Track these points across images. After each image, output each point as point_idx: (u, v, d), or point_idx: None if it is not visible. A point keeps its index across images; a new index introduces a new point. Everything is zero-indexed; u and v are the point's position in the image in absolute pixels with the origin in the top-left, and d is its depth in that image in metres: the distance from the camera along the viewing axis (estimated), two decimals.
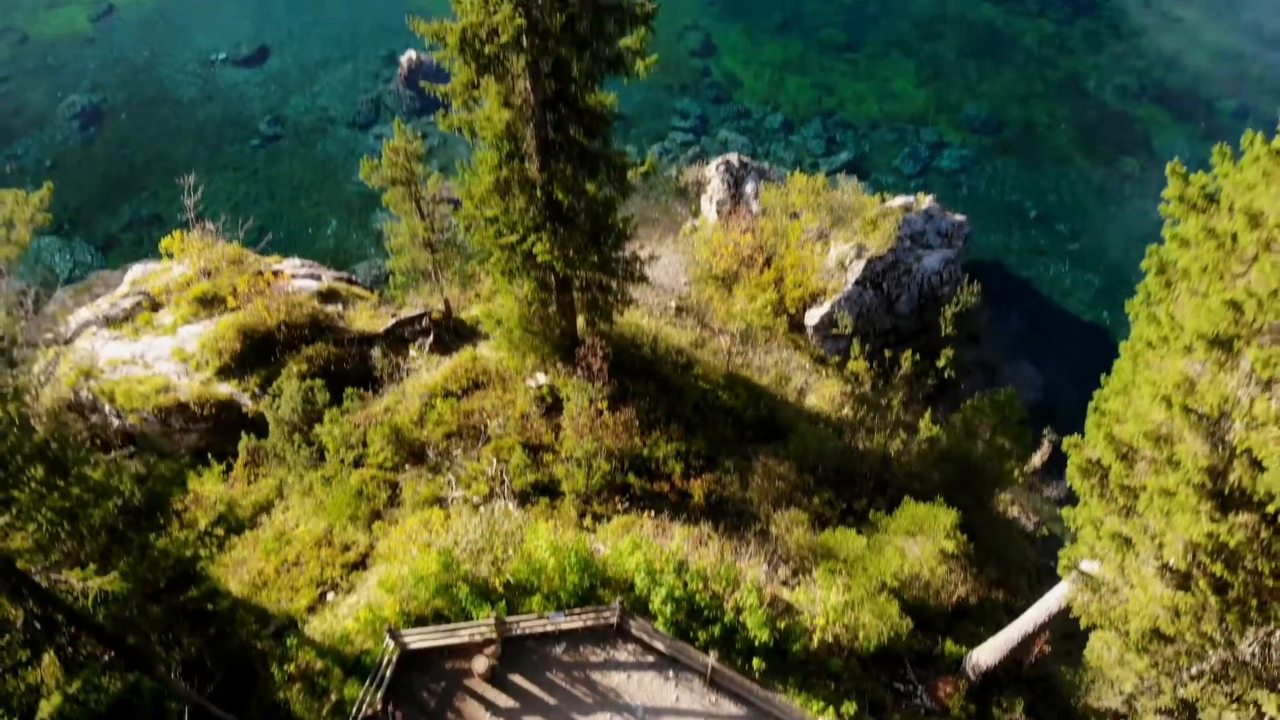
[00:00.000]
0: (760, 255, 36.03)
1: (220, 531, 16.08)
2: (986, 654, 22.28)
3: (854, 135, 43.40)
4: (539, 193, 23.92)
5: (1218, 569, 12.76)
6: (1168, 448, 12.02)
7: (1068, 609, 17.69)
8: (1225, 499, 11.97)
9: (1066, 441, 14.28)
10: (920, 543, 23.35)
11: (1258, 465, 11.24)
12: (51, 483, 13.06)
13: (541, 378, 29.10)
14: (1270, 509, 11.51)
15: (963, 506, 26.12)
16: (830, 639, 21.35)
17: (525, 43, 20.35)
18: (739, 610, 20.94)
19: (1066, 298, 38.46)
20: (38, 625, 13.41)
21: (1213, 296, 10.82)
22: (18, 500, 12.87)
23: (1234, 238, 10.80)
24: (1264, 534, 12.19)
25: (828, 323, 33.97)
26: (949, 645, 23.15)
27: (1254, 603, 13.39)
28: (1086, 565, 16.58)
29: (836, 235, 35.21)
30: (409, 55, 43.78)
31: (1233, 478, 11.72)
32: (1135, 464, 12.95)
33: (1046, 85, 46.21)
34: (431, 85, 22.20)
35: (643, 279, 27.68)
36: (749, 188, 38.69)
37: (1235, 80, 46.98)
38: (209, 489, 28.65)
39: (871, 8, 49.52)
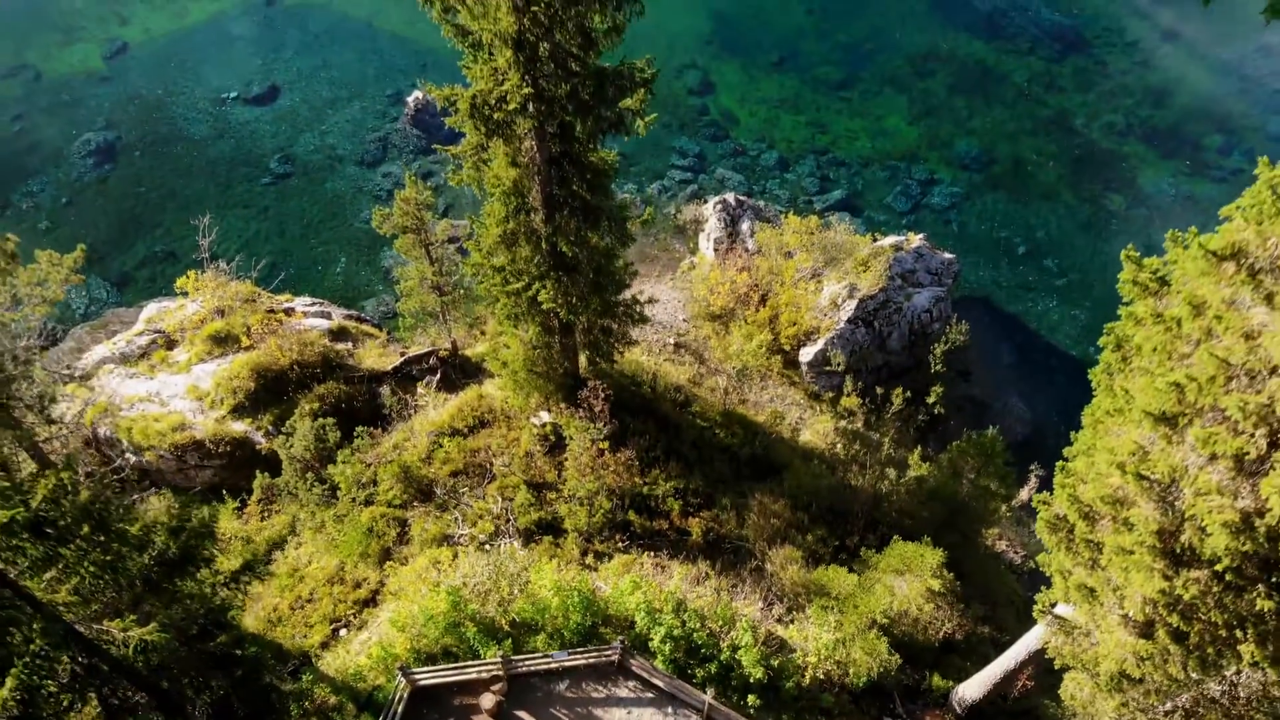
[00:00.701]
0: (756, 293, 37.19)
1: (247, 579, 17.06)
2: (972, 688, 23.24)
3: (847, 173, 44.63)
4: (544, 244, 25.04)
5: (1174, 620, 13.80)
6: (1124, 510, 13.10)
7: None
8: (1177, 557, 13.03)
9: (1036, 498, 15.34)
10: (908, 581, 24.41)
11: (1205, 529, 12.31)
12: (95, 539, 14.10)
13: (545, 416, 30.15)
14: (1219, 568, 12.58)
15: (950, 543, 27.31)
16: (822, 675, 22.30)
17: (532, 109, 21.50)
18: (735, 648, 21.92)
19: (1054, 332, 39.56)
20: (82, 673, 14.41)
21: (1160, 377, 11.92)
22: (64, 556, 13.91)
23: (1179, 323, 11.91)
24: (1216, 589, 13.23)
25: (821, 360, 35.07)
26: (936, 679, 24.11)
27: (1211, 651, 14.42)
28: (1061, 609, 17.61)
29: (829, 274, 36.37)
30: (415, 95, 45.08)
31: (1184, 539, 12.78)
32: (1097, 523, 14.02)
33: (1035, 122, 47.49)
34: (443, 147, 23.43)
35: (643, 321, 28.85)
36: (745, 226, 39.88)
37: (1219, 118, 48.25)
38: (224, 525, 29.67)
39: (866, 45, 50.87)
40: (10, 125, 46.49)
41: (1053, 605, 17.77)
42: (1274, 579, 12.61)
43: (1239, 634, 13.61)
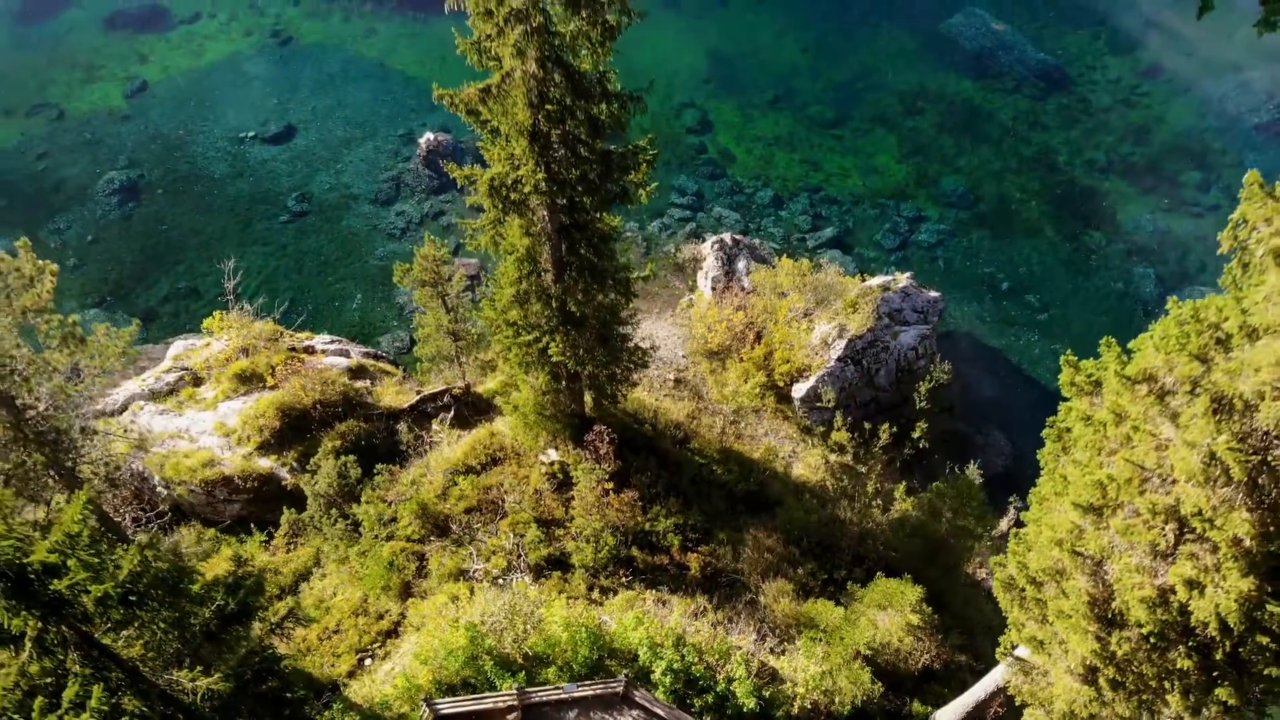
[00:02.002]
0: (751, 331, 39.25)
1: (290, 624, 19.09)
2: (949, 714, 25.30)
3: (839, 210, 46.68)
4: (554, 301, 27.13)
5: (1111, 671, 15.87)
6: (1063, 580, 15.17)
7: None
8: (1110, 621, 15.10)
9: (992, 560, 17.42)
10: (890, 615, 26.49)
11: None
12: (166, 600, 16.12)
13: (553, 454, 32.22)
14: (1144, 631, 14.66)
15: (931, 577, 29.44)
16: (809, 705, 24.37)
17: (545, 189, 23.58)
18: (730, 680, 23.99)
19: (1035, 366, 41.61)
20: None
21: (1088, 473, 13.99)
22: (140, 617, 15.92)
23: (1105, 426, 13.98)
24: (1144, 648, 15.30)
25: (813, 396, 37.11)
26: (916, 706, 26.16)
27: (1147, 697, 16.49)
28: (1020, 651, 19.68)
29: (820, 314, 38.42)
30: (427, 137, 47.08)
31: (1114, 605, 14.86)
32: (1042, 587, 16.09)
33: (1020, 160, 49.56)
34: (463, 220, 25.53)
35: (644, 365, 31.01)
36: (741, 265, 41.93)
37: (1198, 154, 50.30)
38: (253, 556, 31.73)
39: (858, 84, 52.94)
40: (36, 163, 48.50)
41: (1014, 647, 19.84)
42: (1192, 643, 14.67)
43: (1167, 685, 15.68)
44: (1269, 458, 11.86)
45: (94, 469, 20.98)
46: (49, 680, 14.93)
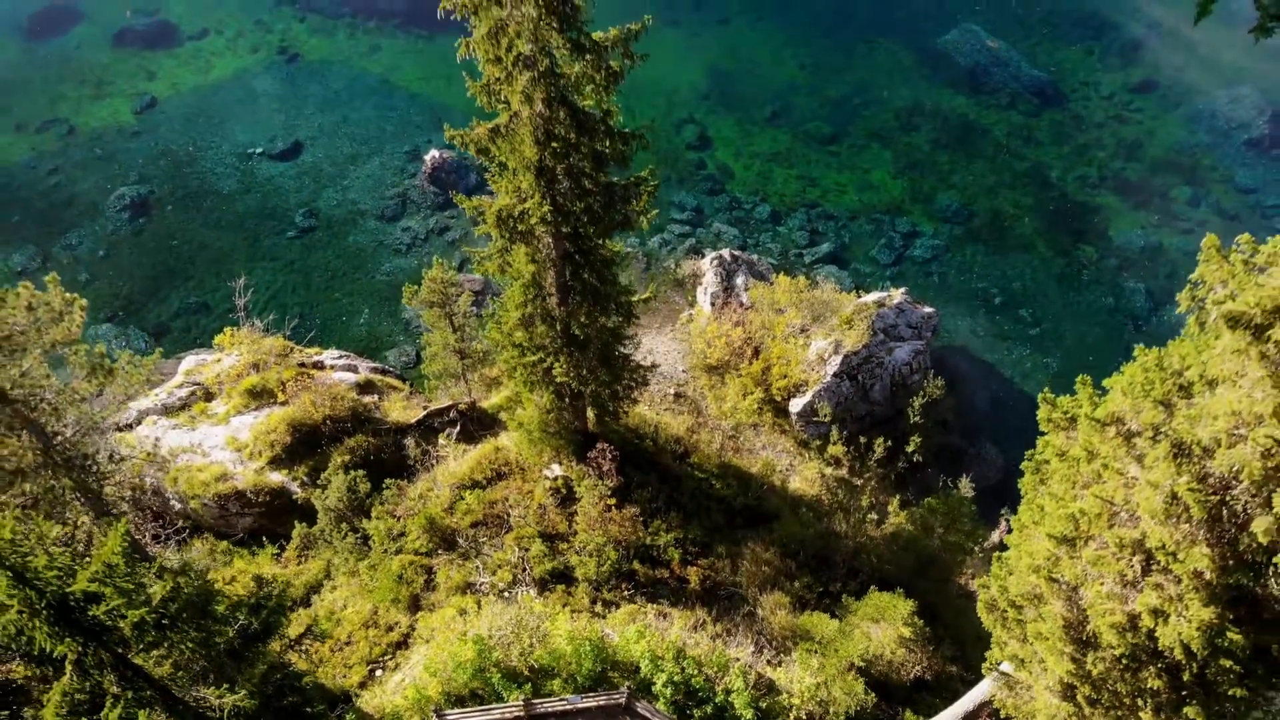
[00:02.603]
0: (749, 347, 40.20)
1: (308, 642, 20.03)
2: None
3: (835, 226, 47.61)
4: (558, 324, 28.09)
5: (1087, 689, 16.82)
6: (1040, 604, 16.12)
7: None
8: (1084, 643, 16.06)
9: (977, 582, 18.38)
10: (883, 628, 27.45)
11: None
12: (194, 622, 17.07)
13: (557, 469, 33.16)
14: (1116, 653, 15.60)
15: (923, 589, 30.42)
16: (805, 715, 25.31)
17: (550, 219, 24.52)
18: (728, 692, 24.93)
19: (1026, 380, 42.56)
20: None
21: (1063, 506, 14.93)
22: (170, 638, 16.86)
23: (1079, 462, 14.92)
24: (1118, 668, 16.25)
25: (809, 411, 38.06)
26: (909, 715, 27.07)
27: (1122, 712, 17.44)
28: (1005, 666, 20.64)
29: (816, 331, 39.37)
30: (432, 154, 48.01)
31: (1088, 629, 15.81)
32: (1022, 609, 17.04)
33: (1014, 176, 50.49)
34: (471, 249, 26.47)
35: (645, 384, 31.99)
36: (739, 281, 42.88)
37: (1188, 169, 51.24)
38: (265, 569, 32.67)
39: (854, 100, 53.88)
40: (48, 179, 49.41)
41: (998, 663, 20.80)
42: (1161, 664, 15.61)
43: (1140, 702, 16.63)
44: (1227, 498, 12.80)
45: (119, 492, 21.91)
46: (84, 699, 15.89)
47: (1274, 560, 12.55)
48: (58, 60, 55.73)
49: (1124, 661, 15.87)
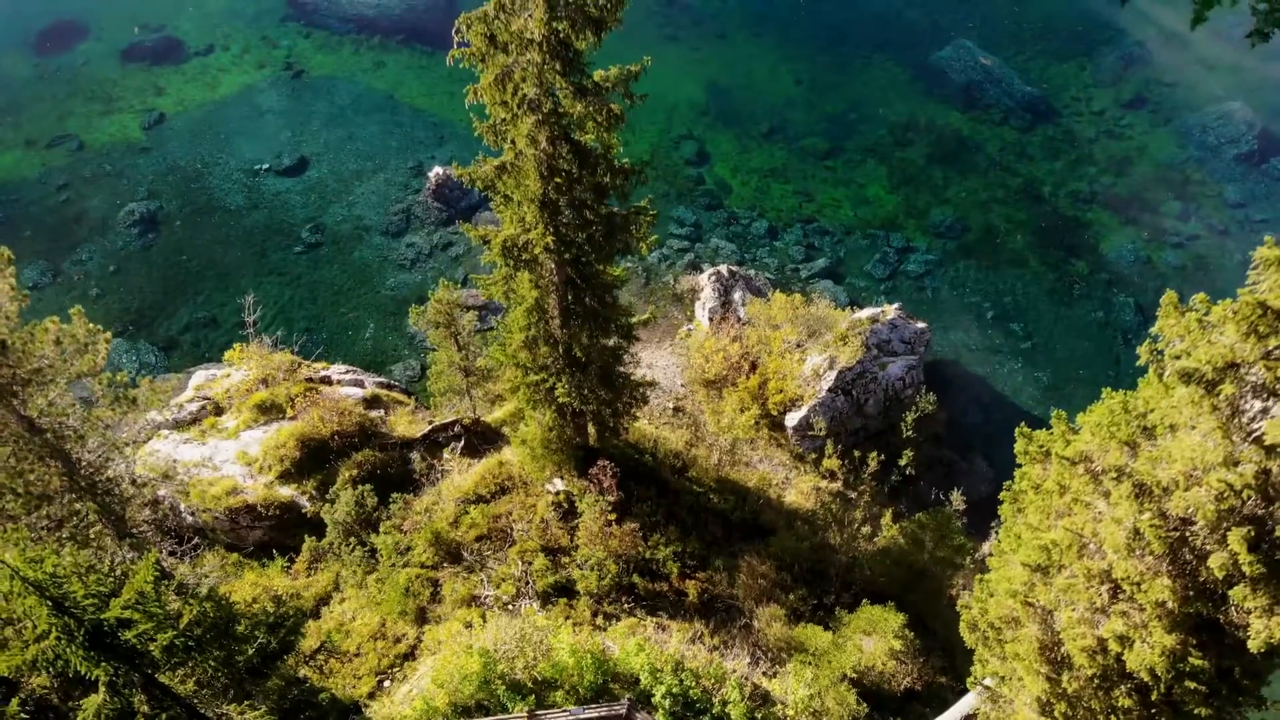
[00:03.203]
0: (746, 362, 41.15)
1: (323, 657, 20.98)
2: None
3: (830, 241, 48.56)
4: (560, 346, 29.06)
5: (1063, 707, 17.77)
6: (1017, 627, 17.08)
7: None
8: (1058, 663, 17.01)
9: (960, 603, 19.33)
10: (874, 640, 28.42)
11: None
12: (218, 643, 18.02)
13: (559, 484, 34.11)
14: (1088, 674, 16.55)
15: (914, 601, 31.40)
16: None
17: (553, 248, 25.47)
18: (725, 703, 25.88)
19: (1018, 393, 43.50)
20: None
21: (1037, 535, 15.88)
22: (195, 658, 17.81)
23: (1051, 495, 15.88)
24: (1091, 687, 17.21)
25: (805, 425, 39.01)
26: None
27: None
28: (989, 681, 21.59)
29: (811, 347, 40.32)
30: (436, 171, 48.94)
31: (1062, 650, 16.76)
32: (1001, 630, 18.00)
33: (1006, 191, 51.42)
34: (478, 277, 27.43)
35: (644, 402, 32.96)
36: (737, 296, 43.84)
37: (1179, 185, 52.17)
38: (275, 581, 33.62)
39: (850, 115, 54.80)
40: (57, 195, 50.32)
41: (983, 678, 21.75)
42: (1130, 685, 16.57)
43: (1113, 719, 17.59)
44: (1187, 534, 13.77)
45: (140, 515, 22.86)
46: (114, 716, 16.83)
47: (1230, 593, 13.49)
48: (66, 76, 56.58)
49: (1096, 681, 16.81)
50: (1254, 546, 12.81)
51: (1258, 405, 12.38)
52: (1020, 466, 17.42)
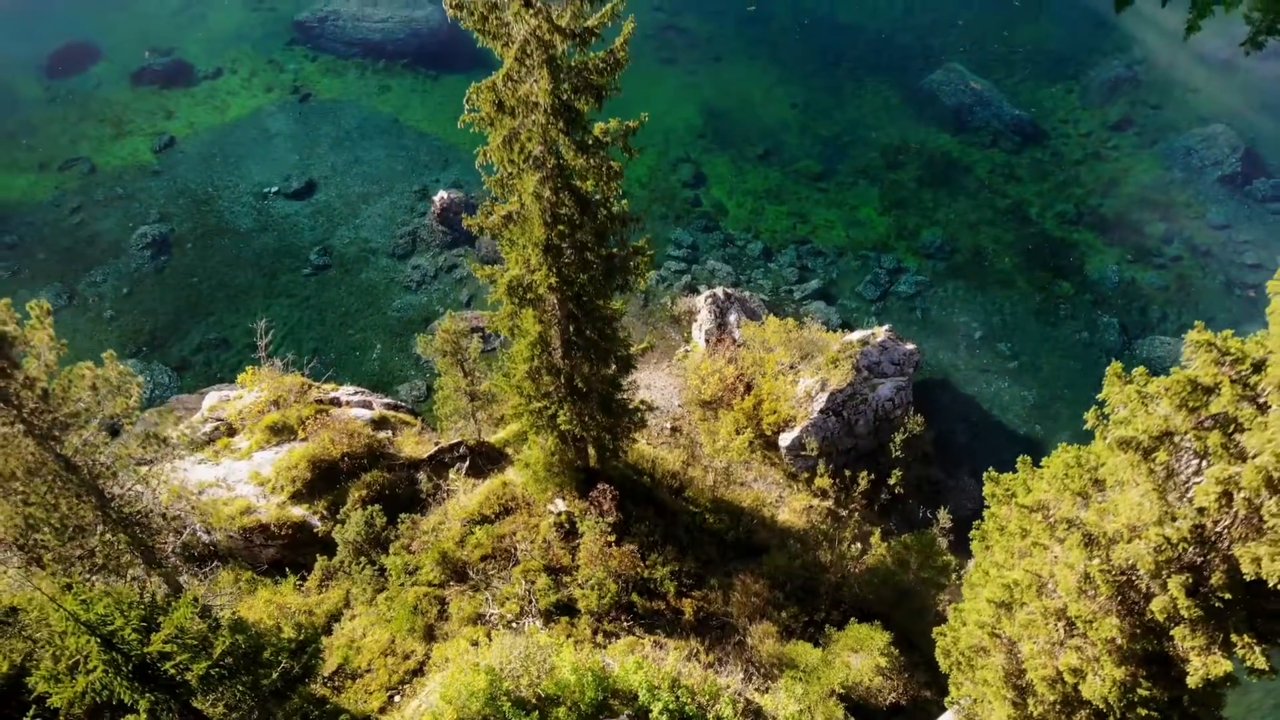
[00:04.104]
0: (741, 383, 42.58)
1: (340, 679, 22.37)
2: None
3: (823, 263, 49.99)
4: (562, 376, 30.50)
5: None
6: (985, 656, 18.52)
7: None
8: (1023, 689, 18.45)
9: (935, 630, 20.77)
10: (861, 657, 29.85)
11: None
12: (247, 669, 19.43)
13: (560, 504, 35.52)
14: (1050, 699, 17.99)
15: (900, 619, 32.84)
16: None
17: (556, 287, 26.89)
18: (719, 718, 27.32)
19: (1005, 412, 44.92)
20: None
21: (1003, 573, 17.31)
22: (226, 683, 19.22)
23: (1014, 536, 17.30)
24: (1054, 710, 18.64)
25: (798, 445, 40.44)
26: None
27: None
28: (964, 701, 23.04)
29: (804, 369, 41.75)
30: (441, 195, 50.33)
31: (1027, 679, 18.20)
32: (973, 657, 19.44)
33: (995, 212, 52.84)
34: (484, 310, 28.82)
35: (643, 425, 34.40)
36: (732, 318, 45.28)
37: (1163, 206, 53.58)
38: (288, 598, 35.03)
39: (843, 138, 56.24)
40: (71, 217, 51.71)
41: (958, 699, 23.19)
42: (1089, 711, 17.99)
43: None
44: (1133, 577, 15.20)
45: (172, 547, 24.28)
46: None
47: (1172, 633, 14.91)
48: (78, 99, 57.96)
49: (1058, 707, 18.25)
50: (1192, 591, 14.24)
51: (1194, 465, 13.80)
52: (988, 508, 18.82)
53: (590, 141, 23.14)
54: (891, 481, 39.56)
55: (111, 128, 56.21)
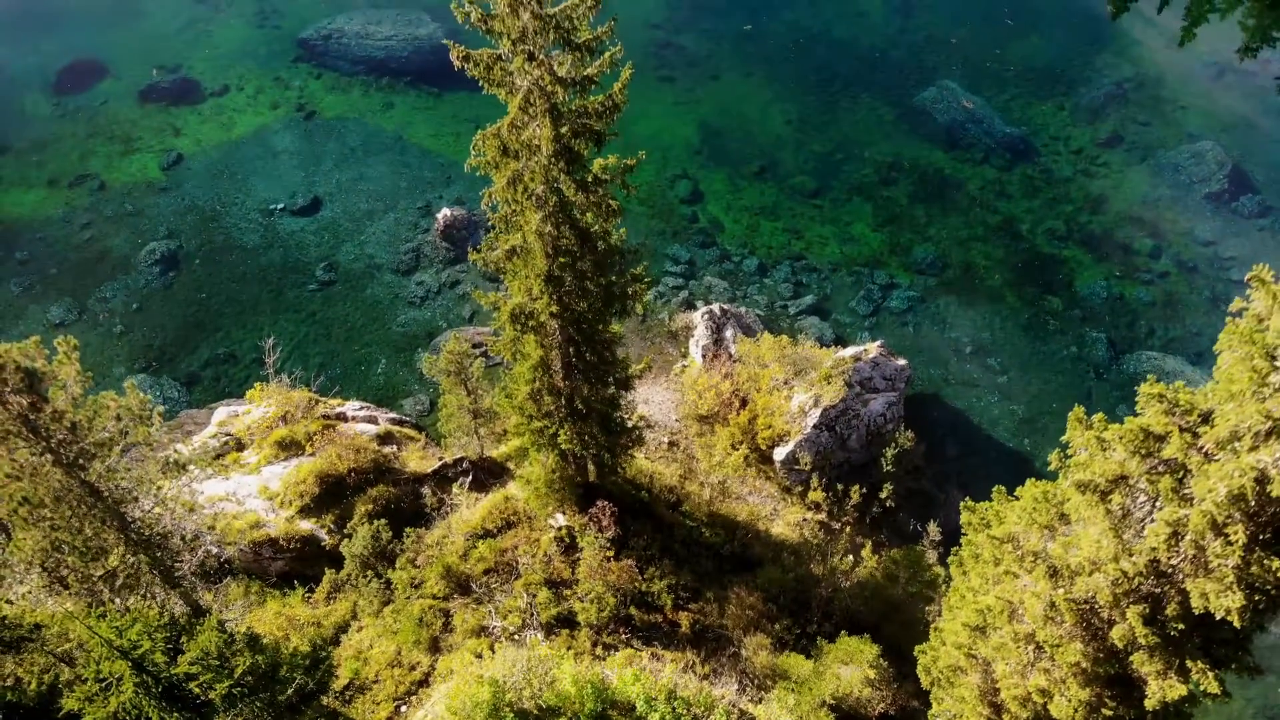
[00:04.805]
0: (737, 398, 43.70)
1: (350, 693, 23.47)
2: None
3: (818, 278, 51.11)
4: (562, 397, 31.61)
5: None
6: (962, 674, 19.65)
7: None
8: (997, 707, 19.57)
9: (917, 649, 21.89)
10: (851, 669, 30.94)
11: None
12: (265, 687, 20.54)
13: (561, 519, 36.64)
14: (1022, 718, 19.11)
15: (889, 632, 33.95)
16: None
17: (557, 314, 27.99)
18: None
19: (994, 426, 46.04)
20: None
21: (978, 597, 18.43)
22: (246, 701, 20.32)
23: (989, 564, 18.42)
24: None
25: (792, 459, 41.55)
26: None
27: None
28: (944, 716, 24.16)
29: (798, 385, 42.87)
30: (444, 212, 51.41)
31: (1000, 698, 19.32)
32: (951, 675, 20.56)
33: (986, 229, 53.96)
34: (488, 337, 29.94)
35: (640, 443, 35.54)
36: (728, 334, 46.39)
37: (1151, 223, 54.70)
38: (297, 610, 36.15)
39: (837, 155, 57.35)
40: (81, 233, 52.79)
41: (939, 714, 24.31)
42: None
43: None
44: (1095, 605, 16.32)
45: (189, 566, 25.40)
46: None
47: (1131, 658, 16.02)
48: (87, 115, 59.01)
49: None
50: (1149, 620, 15.36)
51: (1148, 506, 14.92)
52: (965, 535, 19.93)
53: (590, 179, 24.25)
54: (883, 495, 40.56)
55: (120, 144, 57.27)
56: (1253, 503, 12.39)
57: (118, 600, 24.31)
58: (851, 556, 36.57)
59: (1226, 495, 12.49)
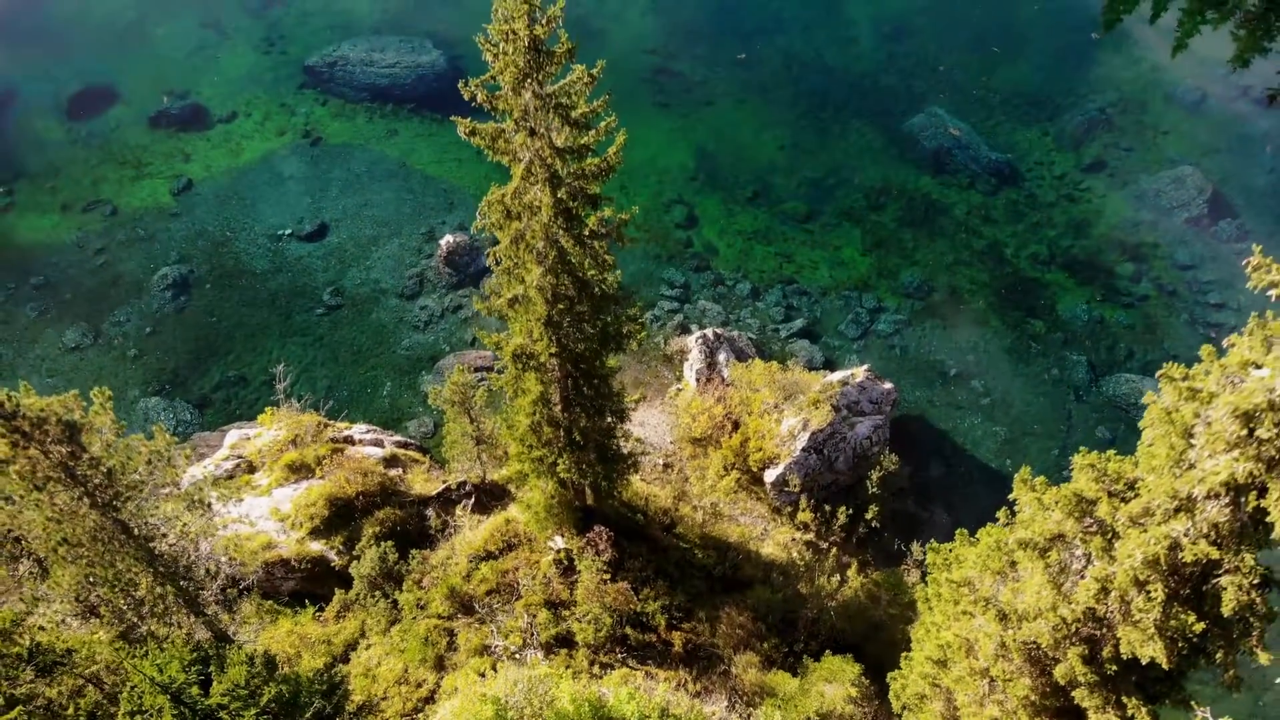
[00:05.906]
0: (729, 421, 45.47)
1: (364, 716, 25.21)
2: None
3: (808, 302, 52.87)
4: (561, 429, 33.37)
5: None
6: (927, 703, 21.42)
7: None
8: None
9: (890, 676, 23.67)
10: (834, 687, 32.72)
11: None
12: (288, 713, 22.30)
13: (560, 541, 38.41)
14: None
15: (873, 651, 35.72)
16: None
17: (556, 352, 29.75)
18: None
19: (977, 447, 47.81)
20: None
21: (939, 633, 20.20)
22: None
23: (950, 604, 20.19)
24: None
25: (781, 481, 43.32)
26: None
27: None
28: None
29: (788, 409, 44.64)
30: (446, 239, 53.12)
31: None
32: (919, 702, 22.33)
33: (971, 253, 55.71)
34: (490, 374, 31.72)
35: (635, 469, 37.32)
36: (722, 358, 48.16)
37: (1132, 247, 56.43)
38: (307, 628, 37.91)
39: (828, 180, 59.09)
40: (94, 258, 54.49)
41: None
42: None
43: None
44: (1041, 644, 18.09)
45: (212, 595, 27.15)
46: None
47: (1073, 694, 17.78)
48: (98, 141, 60.69)
49: None
50: (1089, 660, 17.12)
51: (1083, 560, 16.70)
52: (931, 575, 21.69)
53: (587, 234, 26.00)
54: (869, 516, 42.43)
55: (131, 170, 58.98)
56: (1165, 567, 14.15)
57: (143, 626, 26.10)
58: (838, 576, 38.40)
59: (1143, 560, 14.25)
